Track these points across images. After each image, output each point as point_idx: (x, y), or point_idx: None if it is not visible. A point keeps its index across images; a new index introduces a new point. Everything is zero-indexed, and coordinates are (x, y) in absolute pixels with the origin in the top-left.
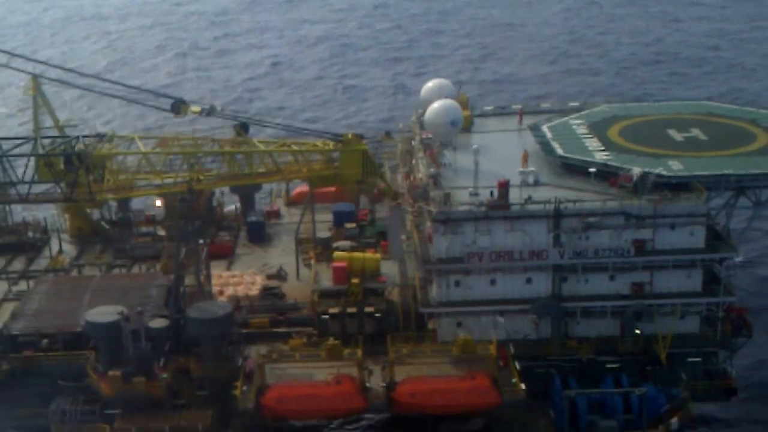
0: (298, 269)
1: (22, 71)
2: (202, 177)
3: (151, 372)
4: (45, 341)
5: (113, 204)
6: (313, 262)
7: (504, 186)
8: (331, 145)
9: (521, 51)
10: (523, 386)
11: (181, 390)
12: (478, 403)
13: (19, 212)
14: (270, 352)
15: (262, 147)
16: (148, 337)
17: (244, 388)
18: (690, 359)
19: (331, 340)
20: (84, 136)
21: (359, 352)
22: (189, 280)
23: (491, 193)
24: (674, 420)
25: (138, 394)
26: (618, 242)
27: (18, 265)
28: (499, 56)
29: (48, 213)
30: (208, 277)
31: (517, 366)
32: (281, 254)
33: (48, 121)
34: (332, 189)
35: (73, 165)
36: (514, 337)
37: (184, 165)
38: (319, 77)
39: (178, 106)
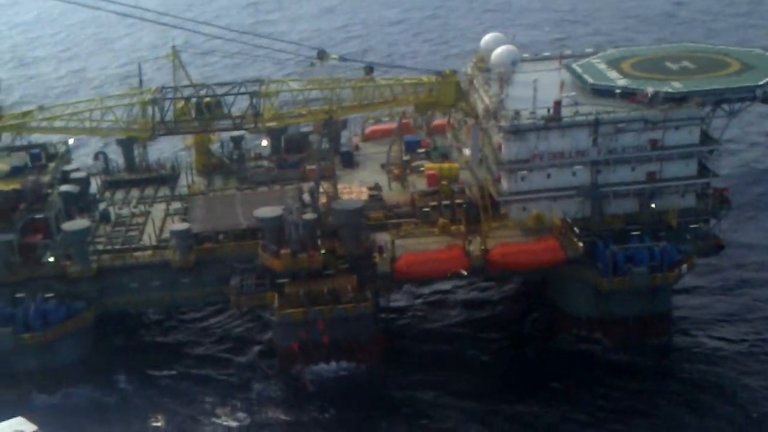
0: (389, 182)
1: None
2: (336, 107)
3: (310, 250)
4: (220, 236)
5: (230, 144)
6: (403, 174)
7: (557, 105)
8: (433, 78)
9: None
10: (581, 245)
11: (330, 264)
12: (550, 259)
13: (154, 153)
14: (397, 231)
15: (383, 82)
16: (302, 227)
17: (381, 258)
18: (691, 225)
19: (441, 221)
20: (248, 81)
21: (462, 227)
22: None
23: (548, 110)
24: (684, 266)
25: (301, 267)
26: (638, 142)
27: (163, 192)
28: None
29: (176, 153)
30: (335, 185)
31: (578, 229)
32: (370, 174)
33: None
34: (394, 125)
35: (252, 104)
36: (565, 216)
37: (324, 99)
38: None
39: (323, 54)
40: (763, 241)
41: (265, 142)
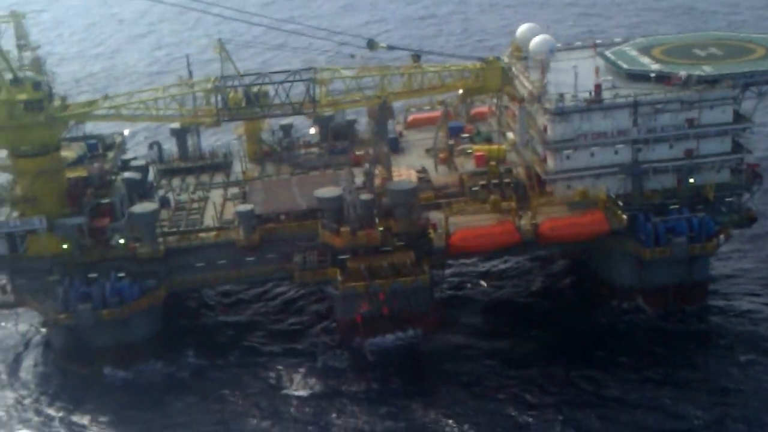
0: (436, 166)
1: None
2: (389, 93)
3: (368, 228)
4: (282, 217)
5: (280, 132)
6: (449, 157)
7: (598, 88)
8: (478, 65)
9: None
10: (625, 216)
11: (387, 242)
12: (596, 231)
13: (206, 142)
14: (450, 208)
15: (431, 69)
16: (360, 206)
17: (436, 234)
18: (726, 199)
19: (492, 197)
20: (302, 70)
21: (513, 203)
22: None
23: (589, 93)
24: (721, 237)
25: (360, 244)
26: (675, 121)
27: (220, 178)
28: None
29: (228, 142)
30: (389, 167)
31: (620, 203)
32: (415, 158)
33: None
34: (438, 114)
35: (308, 90)
36: (608, 192)
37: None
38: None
39: (372, 44)
40: None
41: (312, 131)
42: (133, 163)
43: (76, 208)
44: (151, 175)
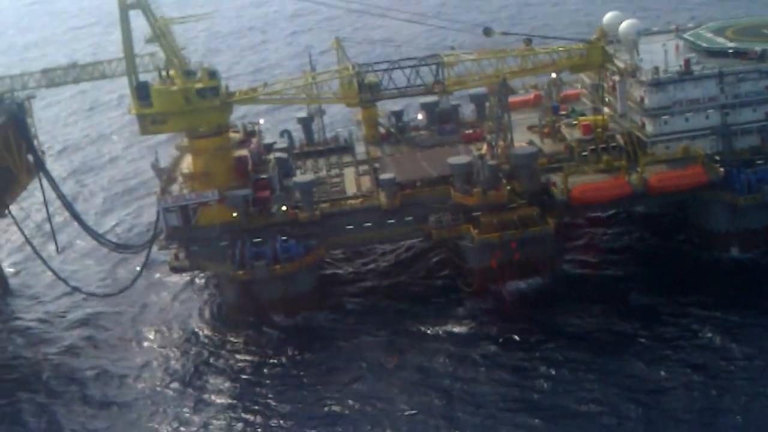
0: (542, 139)
1: None
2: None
3: (497, 188)
4: (418, 183)
5: (392, 118)
6: (553, 130)
7: (687, 62)
8: (582, 45)
9: None
10: (721, 169)
11: (512, 200)
12: (697, 181)
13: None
14: (569, 169)
15: (541, 51)
16: (488, 169)
17: (558, 189)
18: None
19: (605, 158)
20: (428, 56)
21: (624, 162)
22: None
23: (680, 66)
24: None
25: (490, 201)
26: (756, 88)
27: (348, 158)
28: None
29: (349, 128)
30: (511, 136)
31: (717, 158)
32: (519, 135)
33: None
34: (532, 97)
35: (437, 75)
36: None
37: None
38: None
39: (488, 31)
40: None
41: (420, 116)
42: (277, 146)
43: (243, 182)
44: None
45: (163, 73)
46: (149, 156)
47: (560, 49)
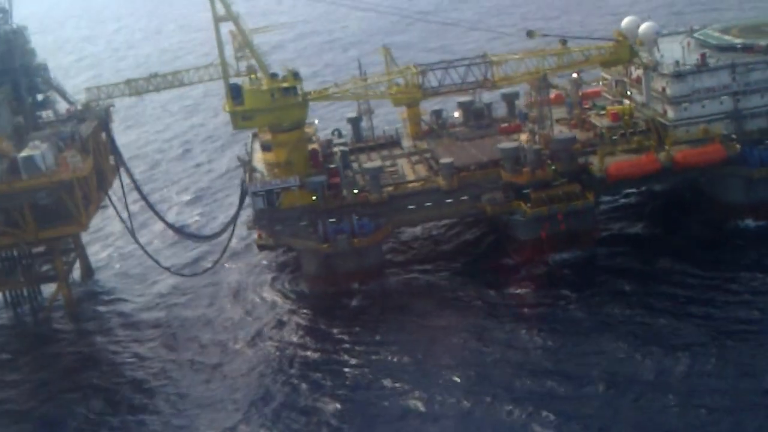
0: (570, 129)
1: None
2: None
3: (542, 168)
4: (472, 167)
5: (433, 115)
6: (579, 122)
7: (703, 56)
8: (610, 44)
9: None
10: (738, 146)
11: (556, 178)
12: (717, 157)
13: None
14: (603, 149)
15: (576, 49)
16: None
17: (595, 166)
18: None
19: (636, 138)
20: (477, 56)
21: (653, 142)
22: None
23: (696, 59)
24: None
25: (538, 179)
26: (764, 77)
27: (397, 151)
28: None
29: (393, 127)
30: (552, 125)
31: (734, 136)
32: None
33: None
34: (553, 96)
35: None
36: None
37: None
38: None
39: (531, 33)
40: None
41: (457, 114)
42: (337, 141)
43: (319, 169)
44: None
45: (252, 76)
46: (213, 159)
47: (592, 47)
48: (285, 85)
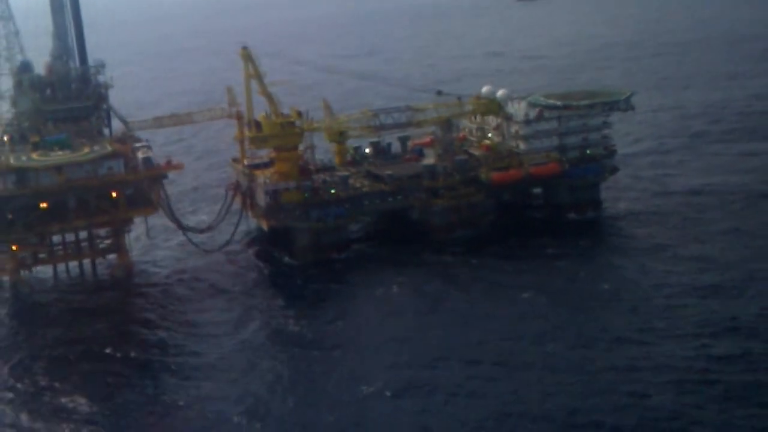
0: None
1: None
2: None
3: (449, 177)
4: (404, 177)
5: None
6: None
7: (540, 111)
8: (483, 100)
9: None
10: (567, 165)
11: (457, 183)
12: (554, 172)
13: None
14: (486, 167)
15: (466, 103)
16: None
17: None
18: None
19: (506, 160)
20: (407, 106)
21: (515, 163)
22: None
23: (534, 113)
24: None
25: (447, 184)
26: (578, 123)
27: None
28: None
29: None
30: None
31: (564, 159)
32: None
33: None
34: (428, 140)
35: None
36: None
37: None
38: None
39: (439, 92)
40: None
41: (368, 150)
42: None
43: (307, 177)
44: None
45: (263, 114)
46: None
47: (474, 101)
48: (291, 119)
